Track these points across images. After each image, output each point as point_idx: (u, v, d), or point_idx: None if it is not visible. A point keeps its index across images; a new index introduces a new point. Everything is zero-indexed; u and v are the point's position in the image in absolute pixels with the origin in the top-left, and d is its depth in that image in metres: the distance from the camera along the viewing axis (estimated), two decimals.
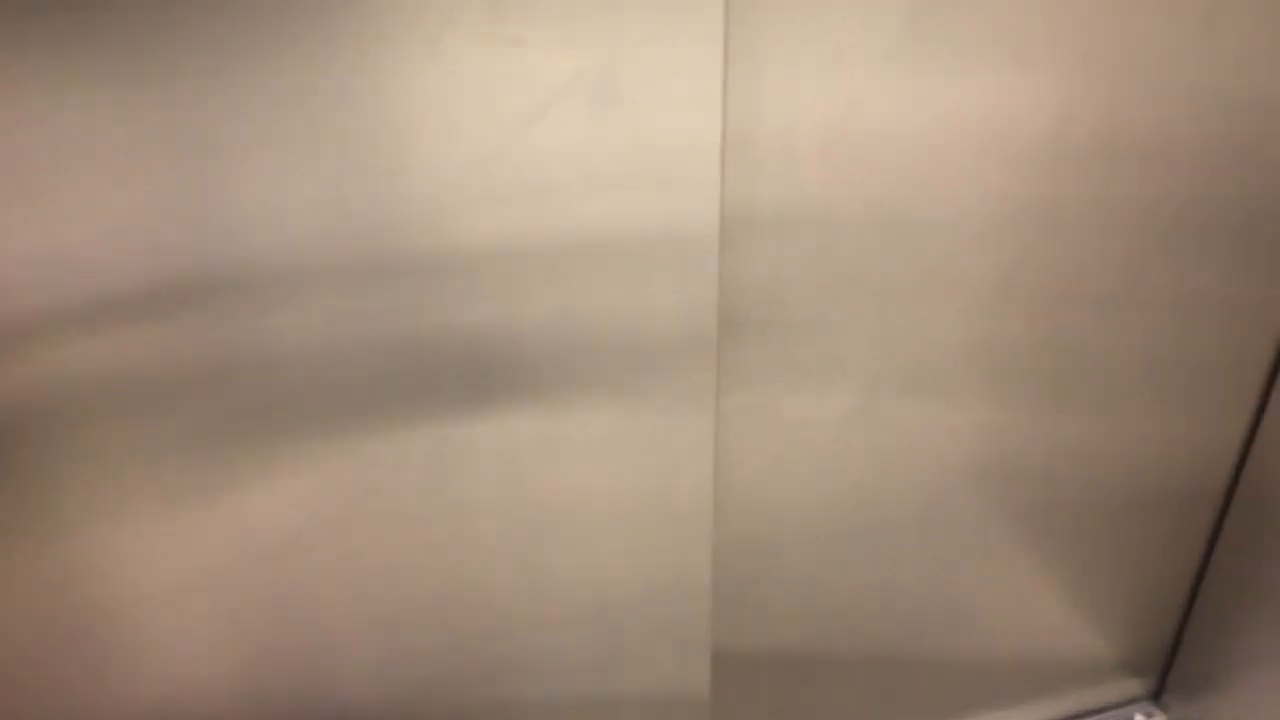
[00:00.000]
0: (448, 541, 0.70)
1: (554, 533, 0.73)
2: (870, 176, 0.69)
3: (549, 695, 0.82)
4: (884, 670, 1.02)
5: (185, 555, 0.65)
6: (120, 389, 0.58)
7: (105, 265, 0.54)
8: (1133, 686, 1.16)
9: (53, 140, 0.50)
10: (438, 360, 0.63)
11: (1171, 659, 1.14)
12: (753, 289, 0.72)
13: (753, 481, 0.82)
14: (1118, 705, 1.16)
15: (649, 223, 0.63)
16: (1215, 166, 0.77)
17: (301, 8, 0.51)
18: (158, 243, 0.54)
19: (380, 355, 0.62)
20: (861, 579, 0.93)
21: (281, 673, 0.72)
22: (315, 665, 0.73)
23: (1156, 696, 1.18)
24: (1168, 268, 0.81)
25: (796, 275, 0.72)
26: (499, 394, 0.66)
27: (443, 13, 0.53)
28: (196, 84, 0.51)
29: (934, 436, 0.85)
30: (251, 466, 0.63)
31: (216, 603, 0.67)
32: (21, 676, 0.65)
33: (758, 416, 0.78)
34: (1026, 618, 1.04)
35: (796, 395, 0.78)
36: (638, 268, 0.64)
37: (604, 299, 0.65)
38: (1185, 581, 1.06)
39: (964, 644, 1.03)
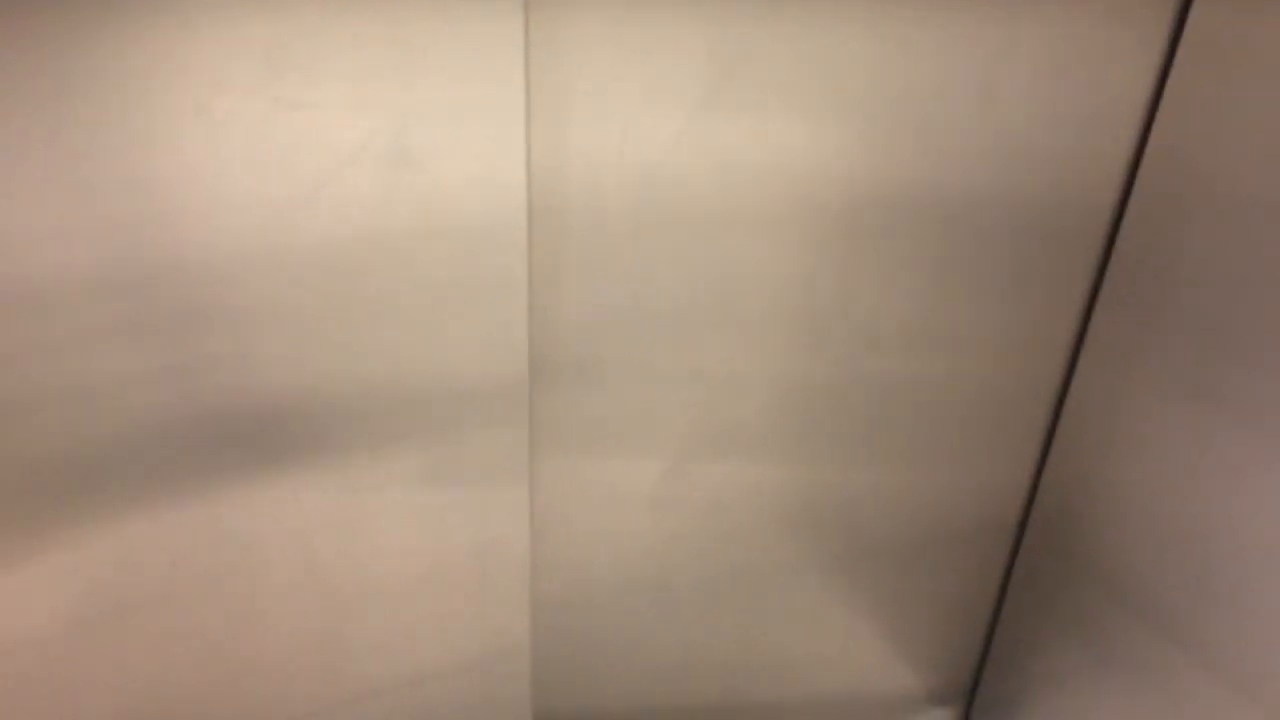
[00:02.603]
0: (236, 622, 0.63)
1: (359, 604, 0.67)
2: (677, 225, 0.69)
3: None
4: (713, 717, 1.01)
5: None
6: None
7: None
8: (942, 716, 1.20)
9: None
10: (219, 426, 0.57)
11: (975, 687, 1.19)
12: (562, 342, 0.70)
13: (569, 541, 0.79)
14: None
15: (453, 277, 0.60)
16: (998, 215, 0.81)
17: (65, 59, 0.46)
18: None
19: (155, 422, 0.55)
20: (681, 635, 0.92)
21: None
22: None
23: None
24: (959, 309, 0.85)
25: (606, 326, 0.70)
26: (289, 460, 0.60)
27: (210, 76, 0.49)
28: None
29: (744, 490, 0.86)
30: (6, 550, 0.55)
31: None
32: None
33: (573, 476, 0.76)
34: (841, 659, 1.06)
35: (610, 454, 0.76)
36: (442, 324, 0.61)
37: (407, 359, 0.61)
38: (986, 612, 1.11)
39: (783, 691, 1.03)
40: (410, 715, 0.75)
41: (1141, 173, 0.78)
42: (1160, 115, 0.75)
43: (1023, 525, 1.05)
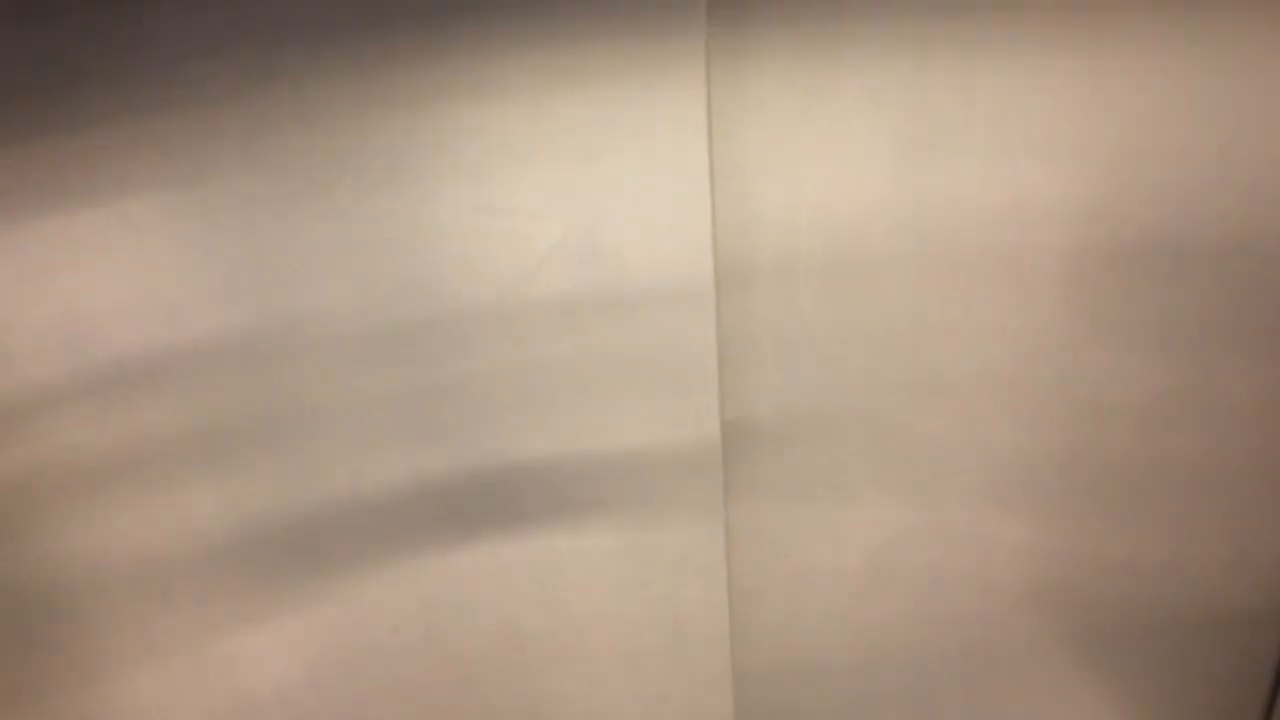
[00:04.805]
0: (448, 682, 0.67)
1: (560, 673, 0.69)
2: (876, 286, 0.67)
3: None
4: None
5: (198, 700, 0.63)
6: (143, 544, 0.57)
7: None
8: None
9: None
10: (435, 493, 0.61)
11: None
12: (758, 415, 0.69)
13: (772, 620, 0.78)
14: None
15: (644, 353, 0.62)
16: (1251, 270, 0.73)
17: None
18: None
19: (385, 494, 0.60)
20: (899, 708, 0.87)
21: None
22: None
23: None
24: (1216, 372, 0.77)
25: (803, 396, 0.70)
26: (495, 530, 0.63)
27: (426, 184, 0.54)
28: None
29: (967, 566, 0.81)
30: (255, 608, 0.61)
31: None
32: None
33: (773, 551, 0.75)
34: None
35: (812, 528, 0.75)
36: (635, 397, 0.63)
37: (602, 433, 0.63)
38: (1257, 706, 0.98)
39: None
40: None
41: None
42: None
43: None
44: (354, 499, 0.60)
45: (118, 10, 0.48)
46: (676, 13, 0.53)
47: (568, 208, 0.56)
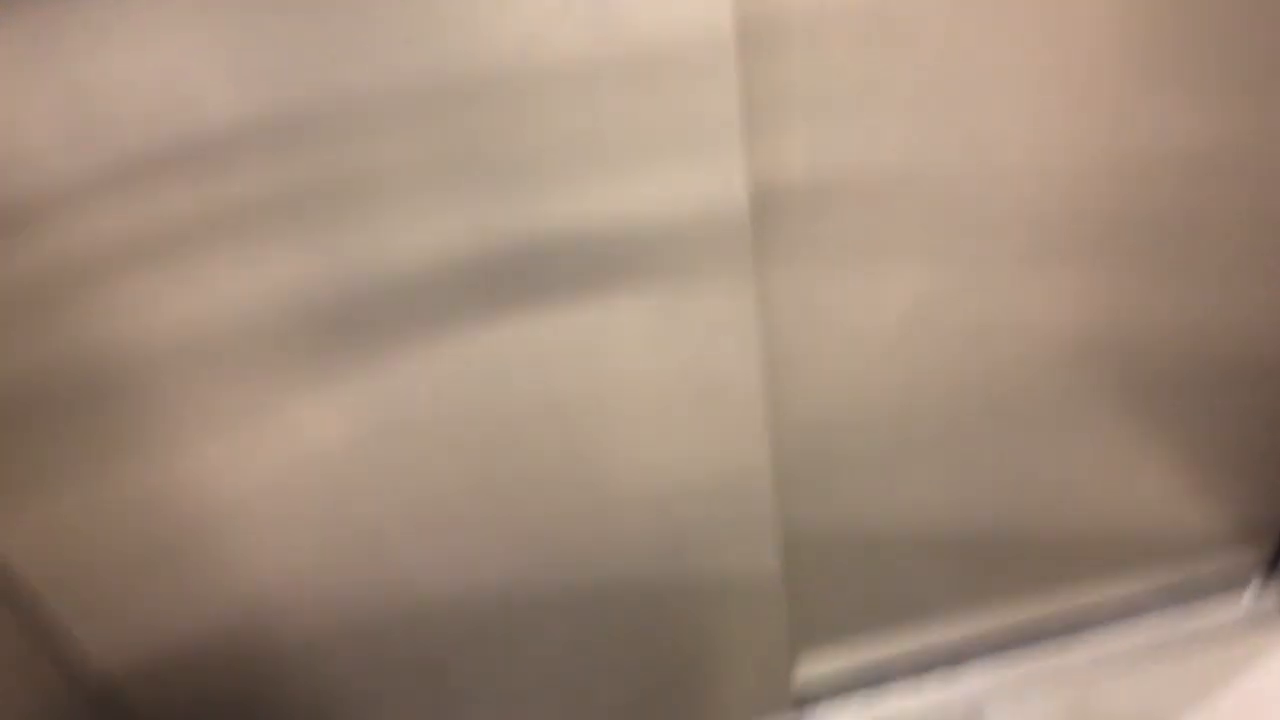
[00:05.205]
0: (489, 444, 0.70)
1: (599, 432, 0.72)
2: (912, 40, 0.63)
3: (617, 584, 0.84)
4: (972, 548, 0.99)
5: (253, 466, 0.68)
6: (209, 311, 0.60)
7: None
8: (1243, 563, 1.10)
9: None
10: (467, 269, 0.62)
11: None
12: (791, 178, 0.68)
13: (810, 371, 0.79)
14: (1226, 583, 1.11)
15: (666, 119, 0.60)
16: None
17: None
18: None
19: (423, 265, 0.61)
20: (941, 459, 0.90)
21: (356, 574, 0.76)
22: (386, 564, 0.76)
23: (1269, 572, 1.11)
24: (1268, 120, 0.72)
25: (840, 158, 0.67)
26: (527, 299, 0.65)
27: None
28: None
29: (1009, 315, 0.80)
30: (308, 379, 0.64)
31: (285, 510, 0.71)
32: (120, 589, 0.70)
33: (811, 307, 0.75)
34: (1125, 494, 0.99)
35: (847, 283, 0.74)
36: (661, 165, 0.62)
37: (630, 196, 0.62)
38: None
39: (1057, 521, 0.99)
40: (661, 533, 0.81)
41: None
42: None
43: None
44: (387, 275, 0.62)
45: None
46: None
47: None
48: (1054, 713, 1.03)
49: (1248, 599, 1.10)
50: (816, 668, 1.05)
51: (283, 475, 0.68)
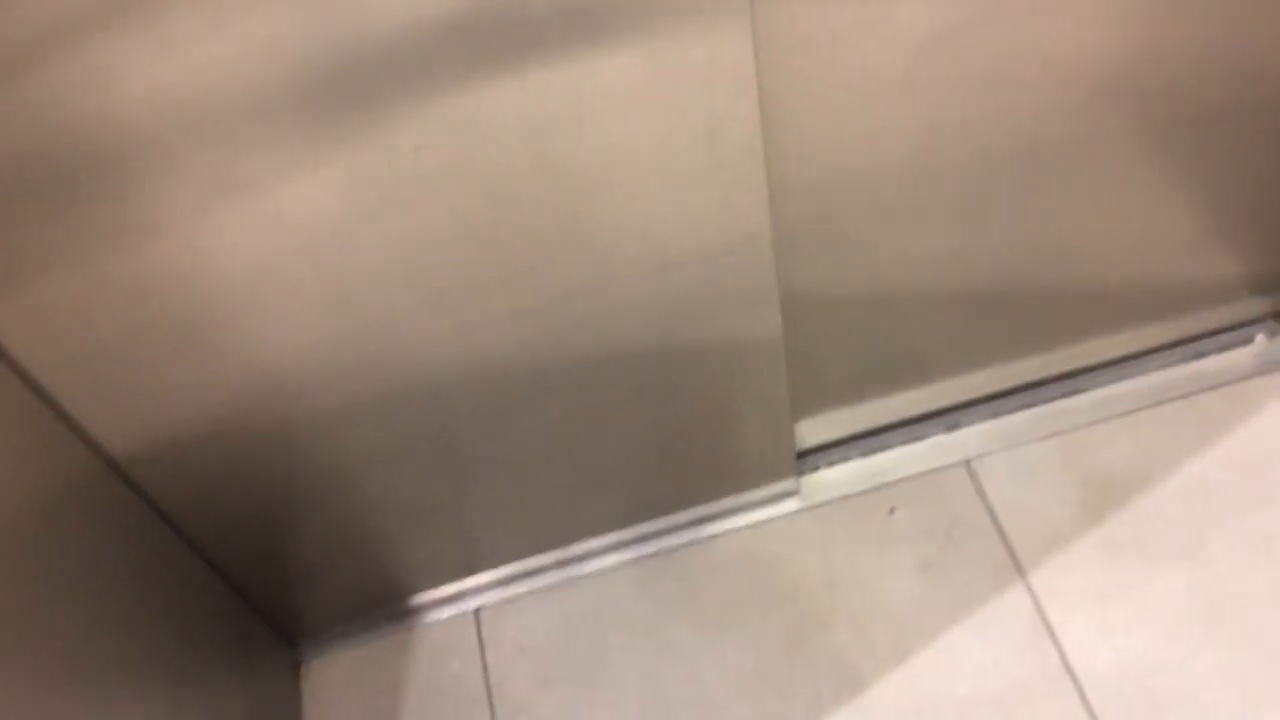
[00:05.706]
0: (485, 201, 0.68)
1: (589, 187, 0.70)
2: None
3: (622, 349, 0.84)
4: (977, 306, 0.99)
5: (251, 245, 0.66)
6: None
7: None
8: (1256, 305, 1.09)
9: None
10: (454, 27, 0.58)
11: None
12: None
13: (815, 121, 0.75)
14: (1239, 325, 1.10)
15: None
16: None
17: None
18: None
19: (417, 18, 0.57)
20: (948, 213, 0.87)
21: (361, 345, 0.76)
22: (392, 335, 0.76)
23: (1278, 321, 1.11)
24: None
25: None
26: (517, 57, 0.60)
27: None
28: None
29: (1026, 53, 0.75)
30: (300, 151, 0.62)
31: (290, 287, 0.70)
32: (125, 372, 0.71)
33: (813, 51, 0.70)
34: (1141, 244, 0.97)
35: (858, 20, 0.69)
36: None
37: None
38: None
39: (1068, 271, 0.97)
40: (662, 298, 0.80)
41: None
42: None
43: None
44: (376, 36, 0.58)
45: None
46: None
47: None
48: (1050, 461, 1.06)
49: (1254, 349, 1.10)
50: (818, 429, 1.07)
51: (284, 254, 0.67)
